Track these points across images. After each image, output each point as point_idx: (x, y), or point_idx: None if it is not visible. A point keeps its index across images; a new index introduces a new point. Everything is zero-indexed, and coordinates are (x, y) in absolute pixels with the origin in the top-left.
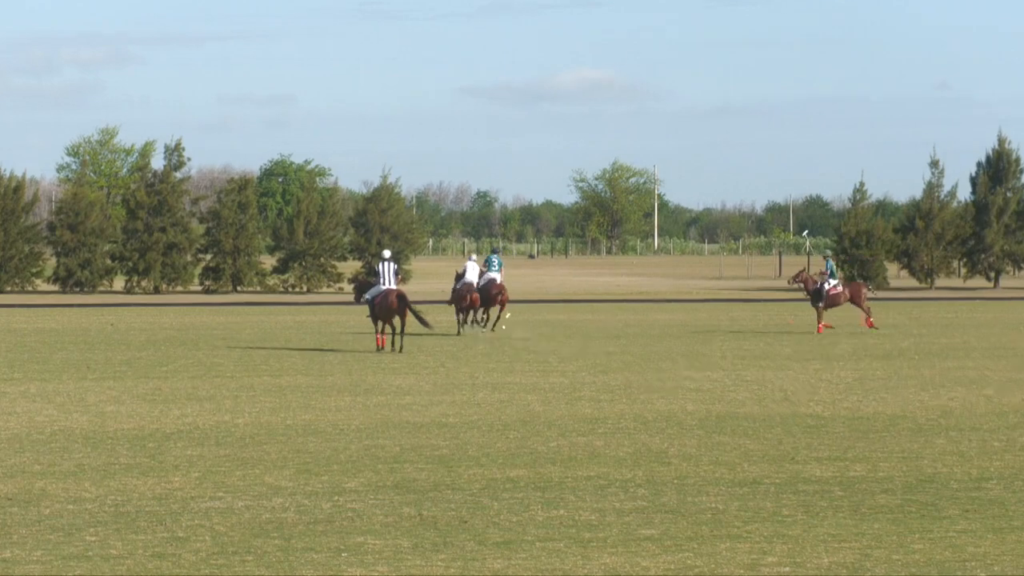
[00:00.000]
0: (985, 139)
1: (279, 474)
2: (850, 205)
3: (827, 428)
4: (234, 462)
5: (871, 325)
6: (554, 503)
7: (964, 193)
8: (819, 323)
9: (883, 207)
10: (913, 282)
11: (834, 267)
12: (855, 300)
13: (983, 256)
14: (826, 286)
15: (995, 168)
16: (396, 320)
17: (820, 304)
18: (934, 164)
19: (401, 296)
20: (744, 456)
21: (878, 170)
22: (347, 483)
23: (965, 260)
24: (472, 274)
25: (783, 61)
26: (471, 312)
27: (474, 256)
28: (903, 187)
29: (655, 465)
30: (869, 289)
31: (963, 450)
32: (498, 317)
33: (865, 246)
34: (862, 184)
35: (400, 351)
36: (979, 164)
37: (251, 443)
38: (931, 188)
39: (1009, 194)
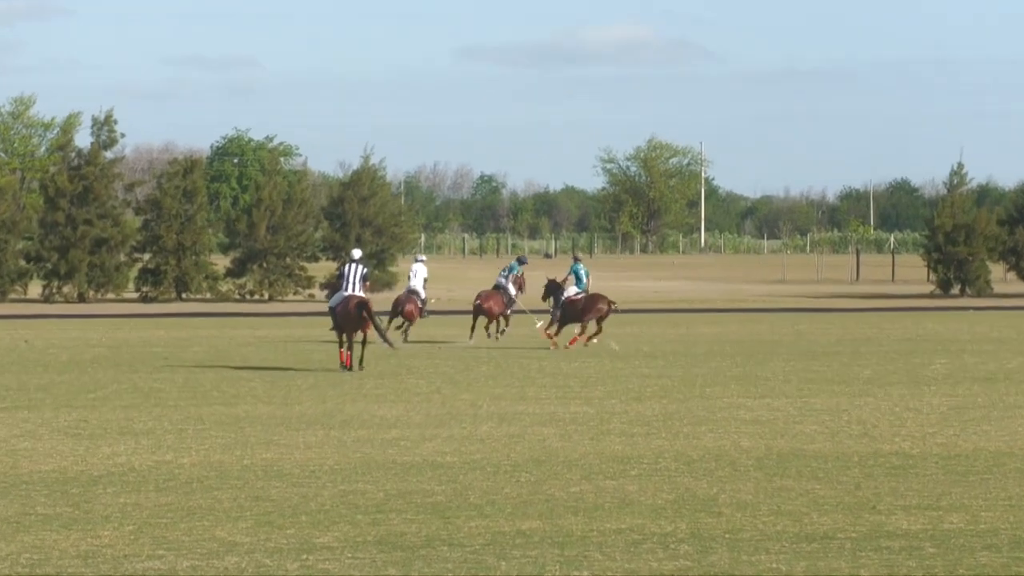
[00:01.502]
0: None
1: (234, 527)
2: (945, 192)
3: (916, 469)
4: (178, 512)
5: (573, 343)
6: (575, 562)
7: None
8: (550, 334)
9: (986, 194)
10: (1023, 287)
11: (582, 271)
12: (586, 313)
13: None
14: (567, 294)
15: None
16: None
17: (557, 313)
18: None
19: (361, 304)
20: (813, 504)
21: (980, 148)
22: (318, 538)
23: None
24: (416, 281)
25: (861, 14)
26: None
27: (422, 257)
28: (1012, 169)
29: (701, 515)
30: (612, 306)
31: None
32: (501, 331)
33: (963, 243)
34: (960, 166)
35: (360, 367)
36: None
37: (199, 488)
38: None
39: None
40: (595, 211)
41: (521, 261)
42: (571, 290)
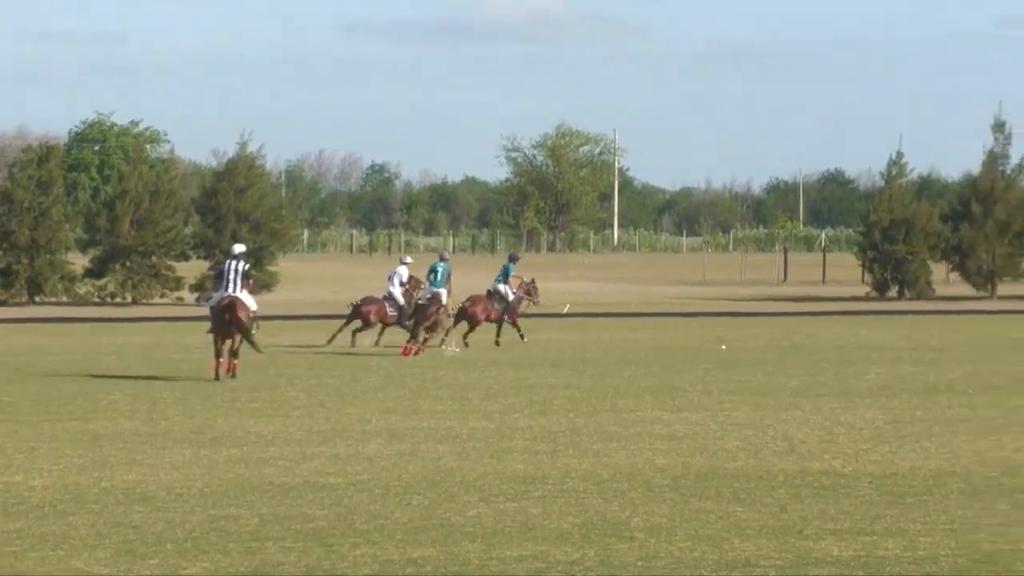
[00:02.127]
0: None
1: (91, 556)
2: (882, 184)
3: (848, 490)
4: (29, 540)
5: (405, 352)
6: None
7: None
8: (412, 343)
9: (928, 186)
10: (967, 288)
11: (443, 271)
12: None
13: None
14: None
15: None
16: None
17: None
18: (998, 127)
19: (232, 304)
20: (734, 528)
21: (921, 136)
22: (185, 569)
23: None
24: (394, 287)
25: None
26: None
27: (407, 259)
28: (956, 159)
29: (611, 541)
30: (437, 310)
31: None
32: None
33: (902, 240)
34: (899, 155)
35: (232, 375)
36: None
37: (52, 513)
38: (993, 160)
39: None
40: (498, 205)
41: (513, 259)
42: (424, 292)
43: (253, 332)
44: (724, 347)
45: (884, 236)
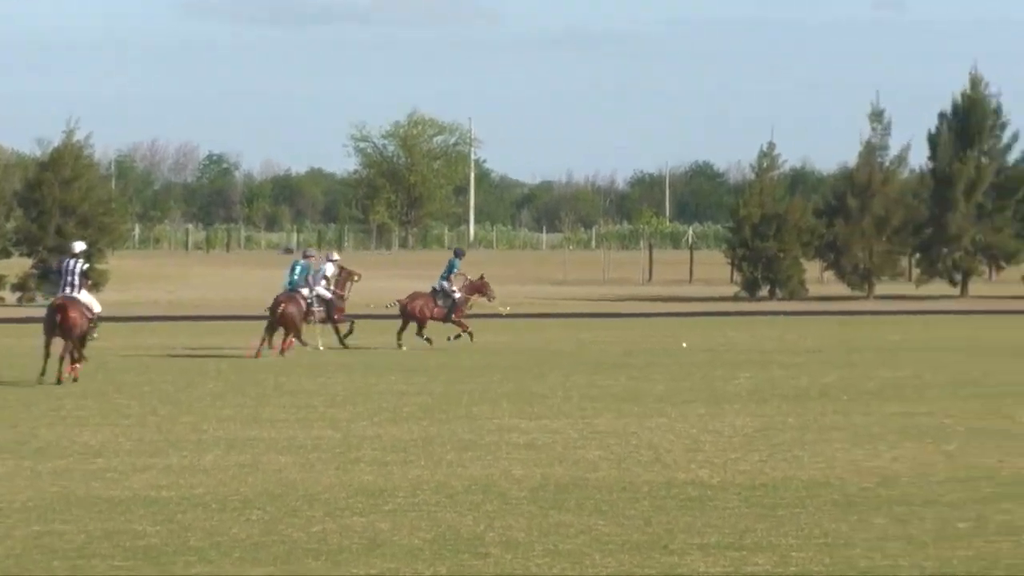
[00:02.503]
0: (951, 80)
1: None
2: (753, 177)
3: (715, 502)
4: None
5: (283, 348)
6: None
7: (919, 158)
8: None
9: (801, 179)
10: (843, 288)
11: (301, 269)
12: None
13: (945, 251)
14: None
15: (964, 122)
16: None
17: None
18: (876, 116)
19: (64, 306)
20: (595, 543)
21: (794, 126)
22: None
23: (919, 256)
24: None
25: None
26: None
27: (334, 256)
28: (831, 151)
29: (465, 557)
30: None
31: (913, 533)
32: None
33: (774, 237)
34: (771, 147)
35: (58, 380)
36: (942, 116)
37: None
38: (870, 151)
39: (984, 160)
40: (345, 198)
41: (458, 255)
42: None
43: (93, 336)
44: (685, 344)
45: (754, 232)
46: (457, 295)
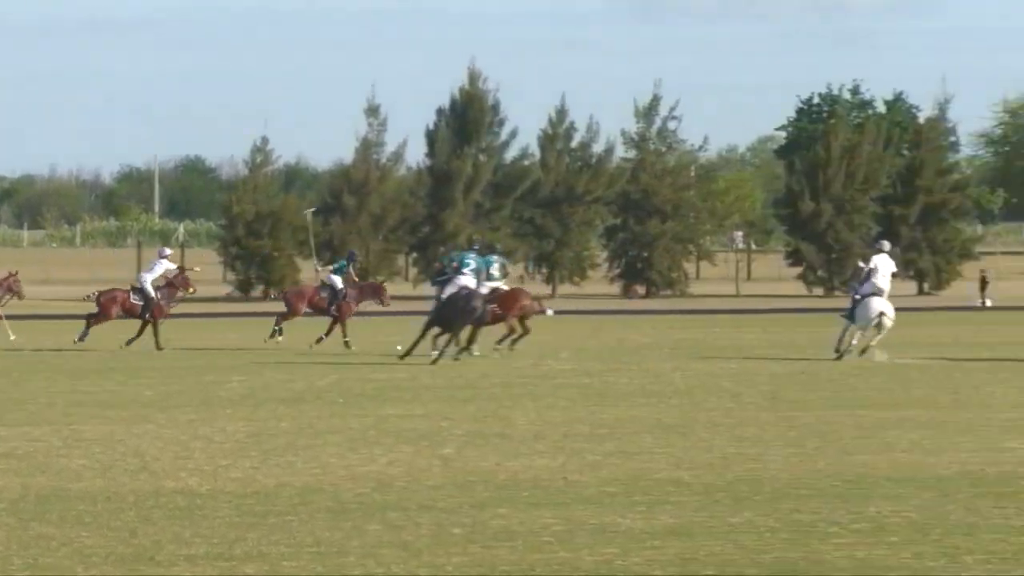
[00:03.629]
0: (451, 72)
1: None
2: (247, 173)
3: (205, 511)
4: None
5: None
6: None
7: (418, 155)
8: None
9: (297, 175)
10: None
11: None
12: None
13: (442, 250)
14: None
15: (463, 118)
16: None
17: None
18: (372, 111)
19: None
20: (78, 556)
21: (289, 120)
22: None
23: (416, 256)
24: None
25: None
26: None
27: (167, 251)
28: (327, 146)
29: None
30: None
31: (407, 539)
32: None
33: (269, 235)
34: (265, 141)
35: None
36: (440, 112)
37: None
38: (367, 148)
39: (482, 157)
40: None
41: (351, 258)
42: None
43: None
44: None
45: (248, 230)
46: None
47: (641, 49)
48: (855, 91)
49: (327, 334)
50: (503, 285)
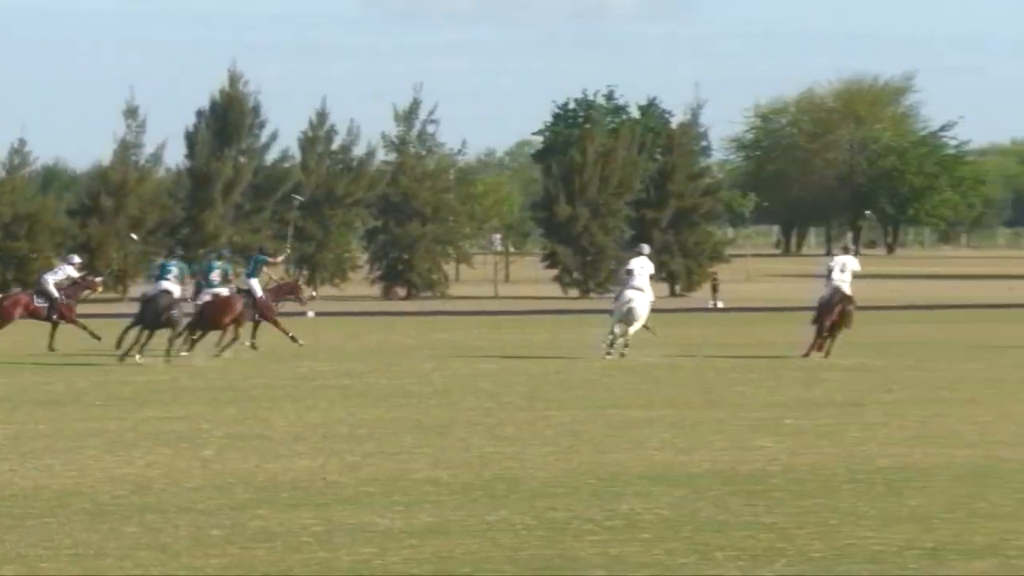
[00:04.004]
0: (212, 74)
1: None
2: (3, 174)
3: None
4: None
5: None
6: None
7: (178, 157)
8: None
9: (54, 177)
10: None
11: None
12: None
13: (202, 252)
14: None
15: (223, 120)
16: None
17: None
18: (130, 113)
19: None
20: None
21: (46, 121)
22: None
23: (184, 253)
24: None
25: None
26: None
27: (75, 259)
28: (85, 148)
29: None
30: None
31: (166, 542)
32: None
33: (26, 237)
34: (22, 143)
35: None
36: (200, 114)
37: None
38: (125, 149)
39: (242, 159)
40: None
41: (264, 252)
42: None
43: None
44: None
45: (5, 232)
46: (258, 291)
47: (402, 52)
48: (610, 96)
49: (247, 337)
50: (224, 291)
